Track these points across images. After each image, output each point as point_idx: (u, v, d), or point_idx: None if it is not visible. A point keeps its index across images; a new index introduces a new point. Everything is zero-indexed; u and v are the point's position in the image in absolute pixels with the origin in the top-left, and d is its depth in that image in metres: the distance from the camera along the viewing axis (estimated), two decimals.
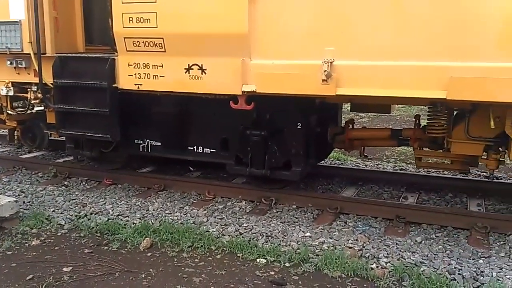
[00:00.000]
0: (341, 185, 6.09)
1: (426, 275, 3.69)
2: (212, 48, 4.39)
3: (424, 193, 5.68)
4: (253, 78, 4.36)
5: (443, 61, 3.68)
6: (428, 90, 3.76)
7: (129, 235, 4.47)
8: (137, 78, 4.84)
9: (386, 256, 4.04)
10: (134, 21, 4.63)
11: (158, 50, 4.63)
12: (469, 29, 3.61)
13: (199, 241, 4.33)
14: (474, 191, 5.61)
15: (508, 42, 3.52)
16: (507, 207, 5.26)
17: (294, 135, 5.10)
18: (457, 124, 4.61)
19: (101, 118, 5.22)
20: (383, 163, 7.30)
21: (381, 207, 5.00)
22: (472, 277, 3.70)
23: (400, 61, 3.83)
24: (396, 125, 9.66)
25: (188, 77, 4.58)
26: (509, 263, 3.92)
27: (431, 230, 4.63)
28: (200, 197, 5.61)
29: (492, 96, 3.56)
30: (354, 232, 4.57)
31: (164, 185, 5.86)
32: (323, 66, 3.98)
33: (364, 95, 4.03)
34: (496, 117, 4.11)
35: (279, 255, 4.06)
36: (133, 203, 5.42)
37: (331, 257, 3.93)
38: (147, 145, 5.75)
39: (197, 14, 4.37)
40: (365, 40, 3.91)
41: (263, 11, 4.19)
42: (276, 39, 4.23)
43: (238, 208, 5.25)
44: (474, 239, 4.37)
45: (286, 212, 5.12)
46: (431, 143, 5.00)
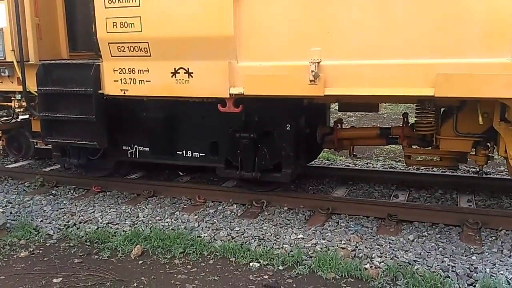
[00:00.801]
0: (331, 185, 6.08)
1: (420, 273, 3.68)
2: (198, 51, 4.34)
3: (415, 191, 5.69)
4: (241, 81, 4.32)
5: (429, 59, 3.68)
6: (415, 87, 3.75)
7: (119, 243, 4.40)
8: (123, 83, 4.78)
9: (380, 256, 4.03)
10: (118, 26, 4.57)
11: (143, 55, 4.57)
12: (454, 25, 3.61)
13: (191, 246, 4.28)
14: (464, 187, 5.64)
15: (494, 38, 3.53)
16: (497, 202, 5.29)
17: (283, 137, 5.08)
18: (445, 121, 4.62)
19: (87, 125, 5.15)
20: (373, 162, 7.31)
21: (372, 206, 5.00)
22: (466, 274, 3.70)
23: (387, 60, 3.82)
24: (384, 123, 9.70)
25: (174, 81, 4.53)
26: (502, 259, 3.93)
27: (423, 227, 4.63)
28: (191, 202, 5.56)
29: (480, 92, 3.57)
30: (346, 232, 4.56)
31: (153, 191, 5.80)
32: (310, 67, 3.96)
33: (352, 94, 4.01)
34: (484, 112, 4.12)
35: (272, 258, 4.03)
36: (123, 210, 5.36)
37: (324, 258, 3.91)
38: (135, 151, 5.69)
39: (182, 18, 4.32)
40: (351, 39, 3.90)
41: (248, 13, 4.16)
42: (262, 41, 4.20)
43: (229, 212, 5.20)
44: (466, 236, 4.38)
45: (277, 214, 5.10)
46: (420, 141, 5.01)
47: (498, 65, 3.54)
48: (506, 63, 3.52)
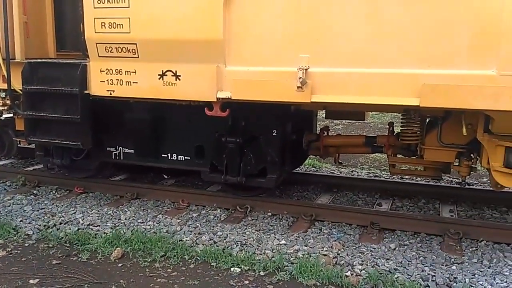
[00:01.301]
0: (316, 192, 6.09)
1: (400, 282, 3.69)
2: (187, 54, 4.33)
3: (398, 200, 5.73)
4: (228, 85, 4.32)
5: (416, 69, 3.72)
6: (401, 97, 3.78)
7: (99, 245, 4.35)
8: (110, 84, 4.74)
9: (361, 264, 4.04)
10: (106, 26, 4.54)
11: (131, 56, 4.55)
12: (441, 36, 3.65)
13: (172, 250, 4.25)
14: (447, 197, 5.68)
15: (480, 50, 3.57)
16: (478, 213, 5.34)
17: (269, 142, 5.08)
18: (430, 131, 4.66)
19: (72, 125, 5.09)
20: (358, 170, 7.35)
21: (355, 213, 5.01)
22: (445, 283, 3.73)
23: (374, 68, 3.85)
24: (371, 132, 9.77)
25: (162, 84, 4.51)
26: (481, 269, 3.96)
27: (404, 236, 4.65)
28: (174, 205, 5.52)
29: (464, 104, 3.60)
30: (329, 239, 4.56)
31: (137, 194, 5.75)
32: (298, 73, 3.97)
33: (338, 102, 4.02)
34: (468, 124, 4.17)
35: (254, 264, 4.01)
36: (105, 212, 5.30)
37: (306, 265, 3.90)
38: (120, 153, 5.64)
39: (171, 20, 4.31)
40: (339, 47, 3.92)
41: (238, 17, 4.16)
42: (251, 46, 4.20)
43: (213, 216, 5.18)
44: (447, 245, 4.41)
45: (261, 220, 5.08)
46: (405, 150, 5.05)
47: (484, 77, 3.59)
48: (492, 75, 3.56)
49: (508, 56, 3.48)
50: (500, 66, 3.51)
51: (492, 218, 5.21)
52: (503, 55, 3.49)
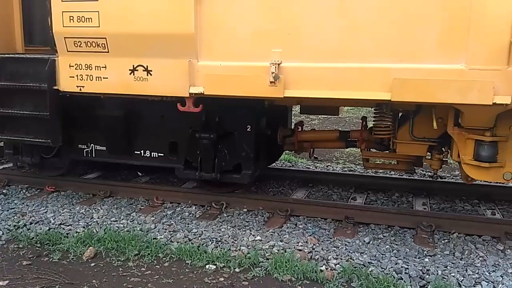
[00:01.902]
0: (292, 187, 6.10)
1: (374, 275, 3.72)
2: (158, 48, 4.26)
3: (372, 194, 5.78)
4: (201, 80, 4.26)
5: (387, 63, 3.73)
6: (373, 91, 3.80)
7: (71, 245, 4.27)
8: (79, 80, 4.63)
9: (335, 258, 4.06)
10: (75, 20, 4.42)
11: (101, 51, 4.45)
12: (412, 31, 3.68)
13: (146, 249, 4.19)
14: (420, 191, 5.76)
15: (449, 44, 3.61)
16: (451, 206, 5.43)
17: (244, 138, 5.05)
18: (401, 125, 4.70)
19: (41, 122, 4.96)
20: (333, 165, 7.39)
21: (330, 208, 5.03)
22: (418, 276, 3.77)
23: (346, 63, 3.84)
24: (346, 127, 9.83)
25: (133, 79, 4.42)
26: (453, 261, 4.02)
27: (378, 230, 4.70)
28: (148, 203, 5.45)
29: (434, 98, 3.64)
30: (304, 234, 4.57)
31: (110, 191, 5.65)
32: (270, 68, 3.94)
33: (311, 97, 4.02)
34: (439, 118, 4.21)
35: (229, 261, 3.99)
36: (77, 211, 5.19)
37: (281, 260, 3.90)
38: (91, 150, 5.53)
39: (141, 14, 4.23)
40: (312, 41, 3.91)
41: (209, 11, 4.11)
42: (223, 40, 4.16)
43: (188, 214, 5.13)
44: (420, 238, 4.47)
45: (236, 216, 5.06)
46: (378, 144, 5.09)
47: (453, 71, 3.62)
48: (461, 69, 3.60)
49: (476, 50, 3.52)
50: (469, 60, 3.55)
51: (464, 211, 5.30)
52: (471, 49, 3.53)
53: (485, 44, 3.52)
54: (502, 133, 3.94)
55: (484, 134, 3.96)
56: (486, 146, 3.97)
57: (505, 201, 5.52)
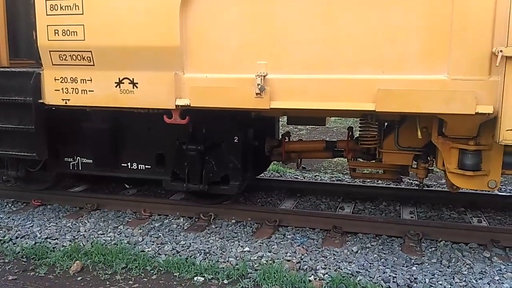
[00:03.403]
0: (280, 197, 6.11)
1: (362, 284, 3.73)
2: (144, 61, 4.26)
3: (360, 203, 5.81)
4: (187, 92, 4.27)
5: (371, 74, 3.78)
6: (358, 102, 3.83)
7: (58, 259, 4.23)
8: (65, 93, 4.61)
9: (324, 268, 4.06)
10: (60, 33, 4.42)
11: (86, 64, 4.44)
12: (394, 42, 3.73)
13: (133, 261, 4.16)
14: (407, 199, 5.80)
15: (432, 55, 3.66)
16: (437, 214, 5.47)
17: (231, 149, 5.06)
18: (387, 135, 4.74)
19: (26, 135, 4.92)
20: (321, 174, 7.42)
21: (318, 218, 5.05)
22: (406, 284, 3.79)
23: (331, 75, 3.88)
24: (333, 137, 9.89)
25: (119, 91, 4.42)
26: (441, 269, 4.05)
27: (366, 239, 4.72)
28: (136, 215, 5.42)
29: (418, 108, 3.68)
30: (292, 245, 4.57)
31: (97, 205, 5.62)
32: (256, 80, 3.97)
33: (297, 108, 4.05)
34: (423, 127, 4.26)
35: (217, 272, 3.98)
36: (63, 224, 5.15)
37: (269, 271, 3.90)
38: (78, 163, 5.50)
39: (127, 27, 4.24)
40: (296, 53, 3.95)
41: (195, 24, 4.13)
42: (209, 53, 4.18)
43: (176, 226, 5.11)
44: (407, 247, 4.50)
45: (225, 227, 5.05)
46: (364, 154, 5.13)
47: (436, 81, 3.68)
48: (443, 80, 3.66)
49: (458, 60, 3.58)
50: (451, 71, 3.61)
51: (451, 219, 5.35)
52: (453, 60, 3.59)
53: (466, 55, 3.58)
54: (485, 142, 3.98)
55: (468, 143, 4.00)
56: (470, 155, 4.02)
57: (491, 208, 5.58)
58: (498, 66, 3.46)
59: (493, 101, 3.55)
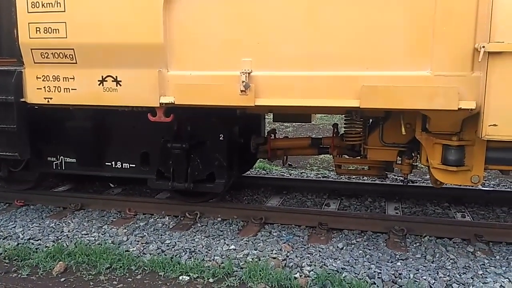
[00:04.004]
0: (266, 195, 6.11)
1: (347, 281, 3.75)
2: (127, 59, 4.22)
3: (346, 199, 5.83)
4: (171, 90, 4.24)
5: (355, 71, 3.78)
6: (342, 99, 3.84)
7: (41, 260, 4.17)
8: (47, 91, 4.54)
9: (309, 264, 4.07)
10: (41, 31, 4.35)
11: (68, 62, 4.38)
12: (378, 39, 3.74)
13: (118, 261, 4.12)
14: (392, 195, 5.84)
15: (415, 51, 3.68)
16: (422, 209, 5.52)
17: (216, 147, 5.04)
18: (372, 131, 4.76)
19: (8, 135, 4.85)
20: (307, 171, 7.43)
21: (304, 215, 5.06)
22: (391, 280, 3.81)
23: (315, 71, 3.88)
24: (320, 133, 9.90)
25: (102, 90, 4.37)
26: (425, 264, 4.08)
27: (352, 235, 4.74)
28: (121, 214, 5.37)
29: (402, 104, 3.70)
30: (278, 242, 4.57)
31: (81, 204, 5.55)
32: (241, 77, 3.95)
33: (282, 105, 4.04)
34: (407, 123, 4.29)
35: (203, 271, 3.96)
36: (47, 225, 5.08)
37: (255, 269, 3.89)
38: (61, 162, 5.43)
39: (109, 24, 4.19)
40: (281, 50, 3.94)
41: (178, 21, 4.10)
42: (193, 50, 4.15)
43: (161, 225, 5.07)
44: (392, 242, 4.53)
45: (211, 226, 5.03)
46: (349, 151, 5.15)
47: (419, 77, 3.69)
48: (427, 76, 3.68)
49: (441, 57, 3.60)
50: (434, 67, 3.63)
51: (435, 214, 5.40)
52: (436, 56, 3.61)
53: (449, 51, 3.60)
54: (468, 138, 4.01)
55: (451, 139, 4.04)
56: (453, 151, 4.05)
57: (474, 203, 5.64)
58: (480, 62, 3.48)
59: (476, 96, 3.58)
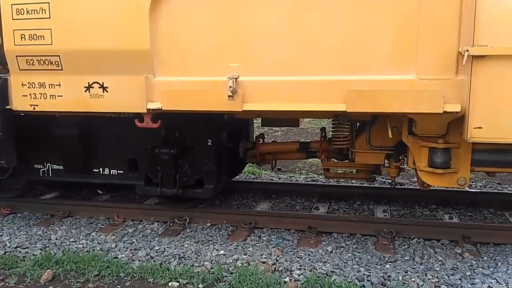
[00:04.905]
0: (256, 199, 6.11)
1: (337, 284, 3.75)
2: (113, 65, 4.21)
3: (335, 203, 5.86)
4: (158, 95, 4.23)
5: (341, 75, 3.81)
6: (329, 103, 3.86)
7: (28, 268, 4.13)
8: (33, 98, 4.51)
9: (299, 268, 4.07)
10: (26, 38, 4.33)
11: (54, 69, 4.36)
12: (364, 44, 3.77)
13: (106, 268, 4.09)
14: (380, 198, 5.88)
15: (399, 55, 3.72)
16: (410, 212, 5.56)
17: (205, 152, 5.04)
18: (359, 135, 4.79)
19: None
20: (296, 175, 7.45)
21: (293, 219, 5.07)
22: (380, 282, 3.83)
23: (302, 76, 3.90)
24: (308, 137, 9.94)
25: (88, 96, 4.35)
26: (413, 266, 4.11)
27: (341, 238, 4.75)
28: (109, 221, 5.33)
29: (388, 108, 3.73)
30: (268, 246, 4.57)
31: (68, 211, 5.51)
32: (228, 82, 3.96)
33: (269, 110, 4.06)
34: (394, 127, 4.32)
35: (192, 277, 3.95)
36: (34, 232, 5.03)
37: (245, 274, 3.88)
38: (48, 170, 5.39)
39: (95, 30, 4.18)
40: (267, 56, 3.95)
41: (165, 27, 4.10)
42: (180, 56, 4.15)
43: (150, 231, 5.05)
44: (381, 245, 4.55)
45: (200, 231, 5.02)
46: (337, 154, 5.17)
47: (405, 81, 3.73)
48: (412, 80, 3.72)
49: (426, 61, 3.65)
50: (419, 71, 3.67)
51: (423, 216, 5.44)
52: (421, 60, 3.65)
53: (434, 55, 3.65)
54: (454, 140, 4.06)
55: (437, 142, 4.07)
56: (439, 153, 4.09)
57: (461, 205, 5.69)
58: (464, 66, 3.53)
59: (461, 99, 3.63)
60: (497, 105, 3.51)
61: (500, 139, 3.58)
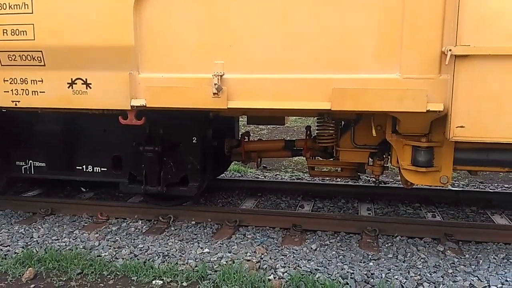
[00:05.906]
0: (241, 197, 6.11)
1: (321, 282, 3.77)
2: (97, 61, 4.16)
3: (319, 201, 5.88)
4: (143, 92, 4.20)
5: (326, 74, 3.82)
6: (314, 101, 3.87)
7: (9, 267, 4.08)
8: (14, 94, 4.44)
9: (283, 266, 4.08)
10: (8, 33, 4.25)
11: (36, 64, 4.29)
12: (348, 43, 3.78)
13: (89, 267, 4.05)
14: (365, 196, 5.91)
15: (383, 54, 3.74)
16: (394, 210, 5.60)
17: (189, 150, 5.02)
18: (344, 133, 4.82)
19: None
20: (282, 173, 7.46)
21: (278, 217, 5.08)
22: (363, 280, 3.85)
23: (287, 74, 3.90)
24: (294, 136, 9.95)
25: (71, 92, 4.30)
26: (397, 264, 4.14)
27: (325, 236, 4.77)
28: (92, 219, 5.28)
29: (372, 106, 3.75)
30: (252, 244, 4.57)
31: (51, 209, 5.44)
32: (213, 80, 3.94)
33: (254, 107, 4.05)
34: (378, 125, 4.35)
35: (176, 275, 3.93)
36: (16, 230, 4.96)
37: (229, 272, 3.87)
38: (30, 167, 5.32)
39: (79, 26, 4.12)
40: (253, 53, 3.94)
41: (149, 23, 4.07)
42: (164, 52, 4.12)
43: (134, 229, 5.01)
44: (365, 243, 4.58)
45: (184, 229, 5.00)
46: (322, 152, 5.19)
47: (389, 80, 3.75)
48: (396, 78, 3.74)
49: (410, 60, 3.67)
50: (403, 70, 3.70)
51: (406, 214, 5.49)
52: (405, 59, 3.68)
53: (417, 54, 3.67)
54: (437, 139, 4.10)
55: (420, 140, 4.11)
56: (422, 152, 4.12)
57: (444, 203, 5.76)
58: (447, 65, 3.56)
59: (444, 99, 3.66)
60: (479, 105, 3.55)
61: (482, 138, 3.62)
